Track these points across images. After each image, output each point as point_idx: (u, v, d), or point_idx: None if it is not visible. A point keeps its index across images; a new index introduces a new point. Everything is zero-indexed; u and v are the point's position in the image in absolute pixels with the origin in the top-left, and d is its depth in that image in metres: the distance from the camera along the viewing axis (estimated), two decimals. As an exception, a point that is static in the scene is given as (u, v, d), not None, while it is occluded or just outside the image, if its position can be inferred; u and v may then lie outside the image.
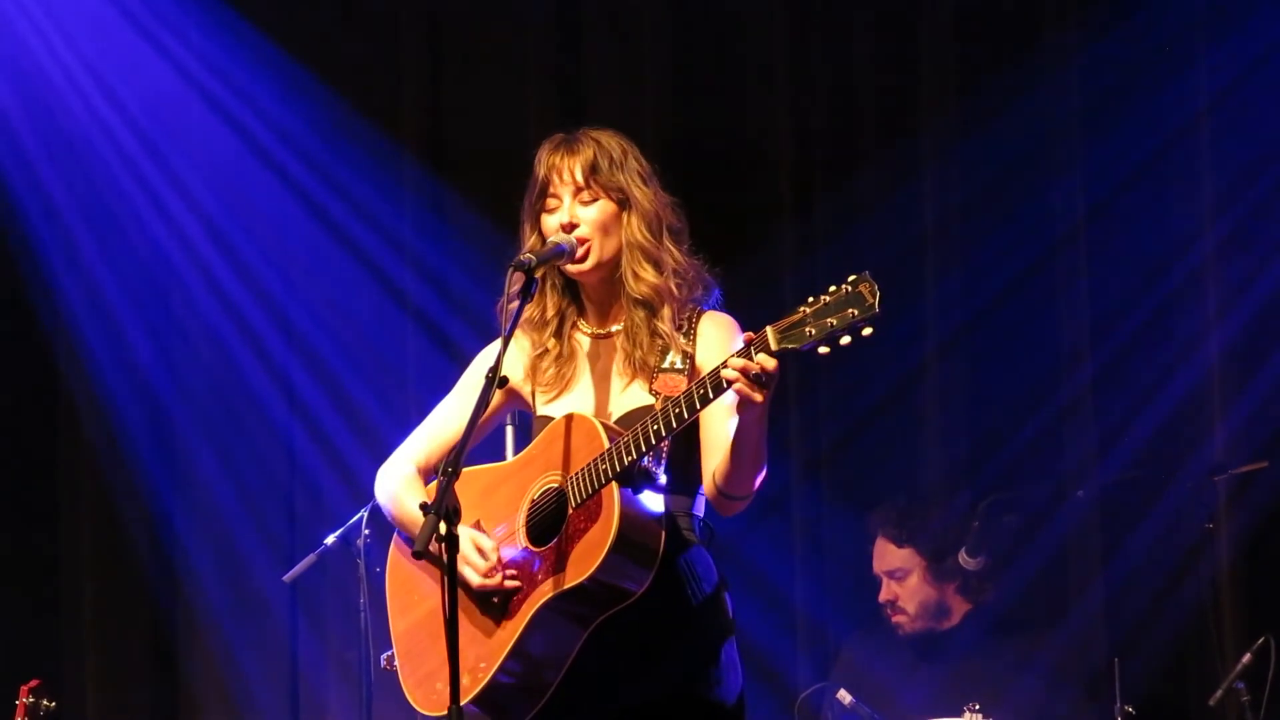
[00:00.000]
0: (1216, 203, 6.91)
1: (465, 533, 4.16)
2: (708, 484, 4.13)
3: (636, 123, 7.27)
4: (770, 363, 3.83)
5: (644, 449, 4.01)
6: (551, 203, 4.29)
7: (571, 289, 4.36)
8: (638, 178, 4.30)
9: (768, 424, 3.98)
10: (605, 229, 4.26)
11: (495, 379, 4.06)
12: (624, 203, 4.28)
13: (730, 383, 3.88)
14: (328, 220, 7.68)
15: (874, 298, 3.77)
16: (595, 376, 4.30)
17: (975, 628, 6.54)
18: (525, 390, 4.36)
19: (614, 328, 4.31)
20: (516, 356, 4.36)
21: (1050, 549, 6.93)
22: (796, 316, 3.83)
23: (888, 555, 6.60)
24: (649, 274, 4.25)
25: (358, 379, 7.63)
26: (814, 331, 3.80)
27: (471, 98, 7.68)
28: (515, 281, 4.22)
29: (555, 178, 4.29)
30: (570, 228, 4.25)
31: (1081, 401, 7.00)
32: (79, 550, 7.75)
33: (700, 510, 4.24)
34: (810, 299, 3.82)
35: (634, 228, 4.27)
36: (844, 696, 6.23)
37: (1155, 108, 6.96)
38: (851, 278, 3.80)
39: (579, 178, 4.27)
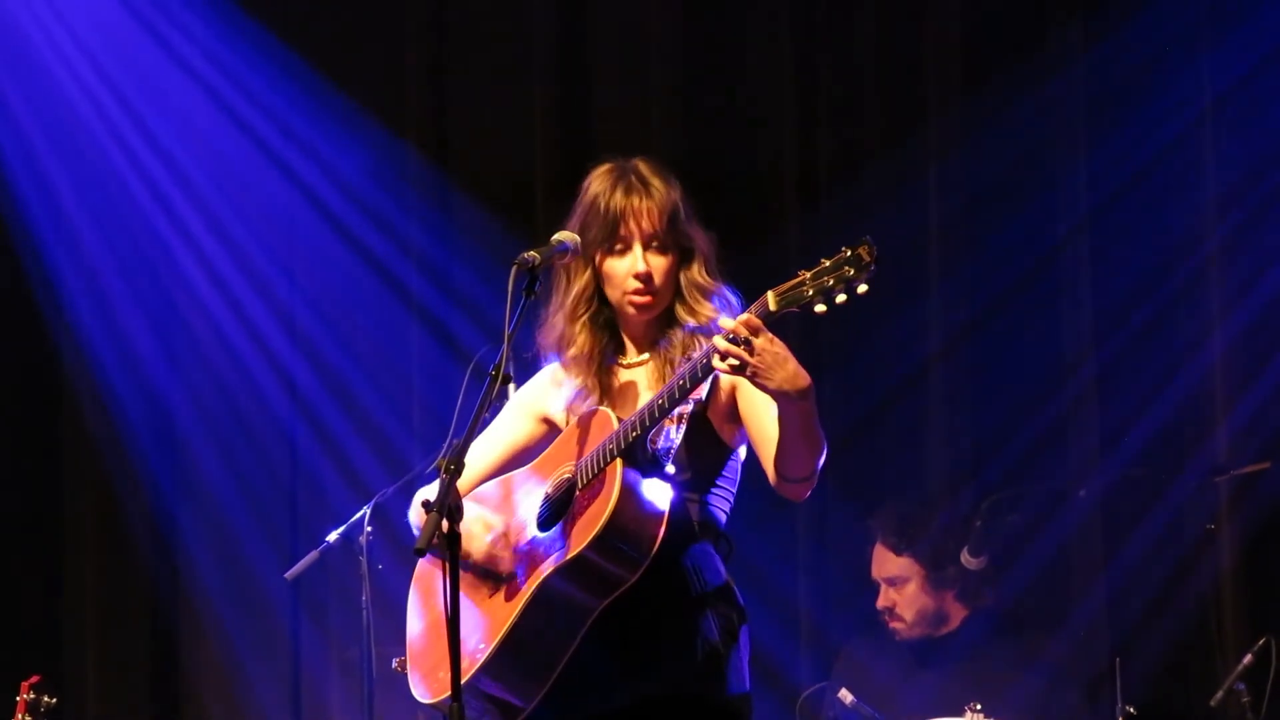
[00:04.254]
0: (1220, 203, 6.91)
1: (473, 510, 4.20)
2: (769, 471, 4.15)
3: (641, 119, 7.28)
4: (730, 322, 3.88)
5: (649, 424, 4.05)
6: (619, 246, 4.28)
7: (610, 325, 4.37)
8: (696, 221, 4.33)
9: (813, 407, 4.00)
10: (670, 278, 4.28)
11: (499, 377, 4.07)
12: (688, 251, 4.30)
13: (720, 350, 3.91)
14: (332, 217, 7.68)
15: (870, 256, 3.85)
16: (630, 396, 4.32)
17: (976, 628, 6.54)
18: (561, 418, 4.38)
19: (646, 355, 4.34)
20: (558, 395, 4.39)
21: (1052, 549, 6.93)
22: (796, 280, 3.89)
23: (886, 562, 6.58)
24: (706, 309, 4.28)
25: (361, 376, 7.64)
26: (811, 291, 3.87)
27: (476, 96, 7.68)
28: (518, 279, 4.23)
29: (632, 222, 4.26)
30: (646, 278, 4.26)
31: (1084, 401, 7.00)
32: (81, 547, 7.76)
33: (721, 518, 4.26)
34: (811, 264, 3.89)
35: (696, 272, 4.29)
36: (845, 696, 6.22)
37: (1159, 108, 6.96)
38: (852, 243, 3.87)
39: (659, 226, 4.27)
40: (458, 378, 4.49)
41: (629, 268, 4.26)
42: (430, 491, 4.41)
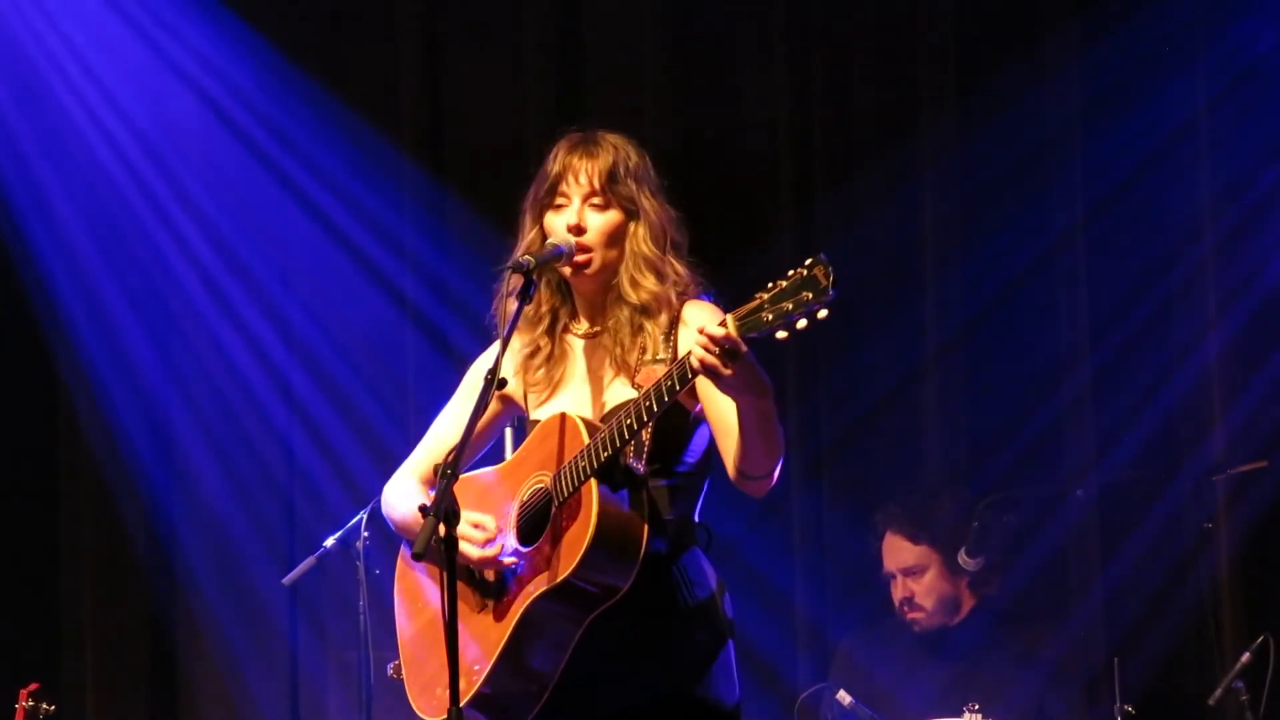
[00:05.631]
0: (1215, 202, 6.91)
1: (464, 514, 4.17)
2: (728, 465, 4.11)
3: (635, 125, 7.25)
4: (718, 331, 3.81)
5: (619, 443, 4.01)
6: (560, 200, 4.28)
7: (564, 288, 4.35)
8: (648, 189, 4.29)
9: (772, 406, 3.96)
10: (610, 238, 4.25)
11: (494, 380, 4.07)
12: (632, 213, 4.26)
13: (695, 369, 3.86)
14: (326, 222, 7.68)
15: (828, 279, 3.73)
16: (583, 376, 4.30)
17: (976, 626, 6.54)
18: (518, 391, 4.37)
19: (597, 328, 4.31)
20: (508, 355, 4.34)
21: (1050, 549, 6.93)
22: (754, 303, 3.81)
23: (902, 553, 6.55)
24: (650, 282, 4.24)
25: (357, 381, 7.63)
26: (771, 317, 3.78)
27: (471, 99, 7.68)
28: (513, 283, 4.23)
29: (570, 178, 4.26)
30: (578, 230, 4.24)
31: (1081, 401, 7.00)
32: (79, 553, 7.76)
33: (698, 513, 4.24)
34: (769, 285, 3.81)
35: (640, 238, 4.25)
36: (843, 697, 6.22)
37: (1154, 108, 6.96)
38: (808, 261, 3.77)
39: (595, 183, 4.25)
40: (453, 382, 4.50)
41: (564, 221, 4.25)
42: (399, 482, 4.44)
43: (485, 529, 4.18)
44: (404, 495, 4.41)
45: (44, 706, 6.08)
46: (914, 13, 7.23)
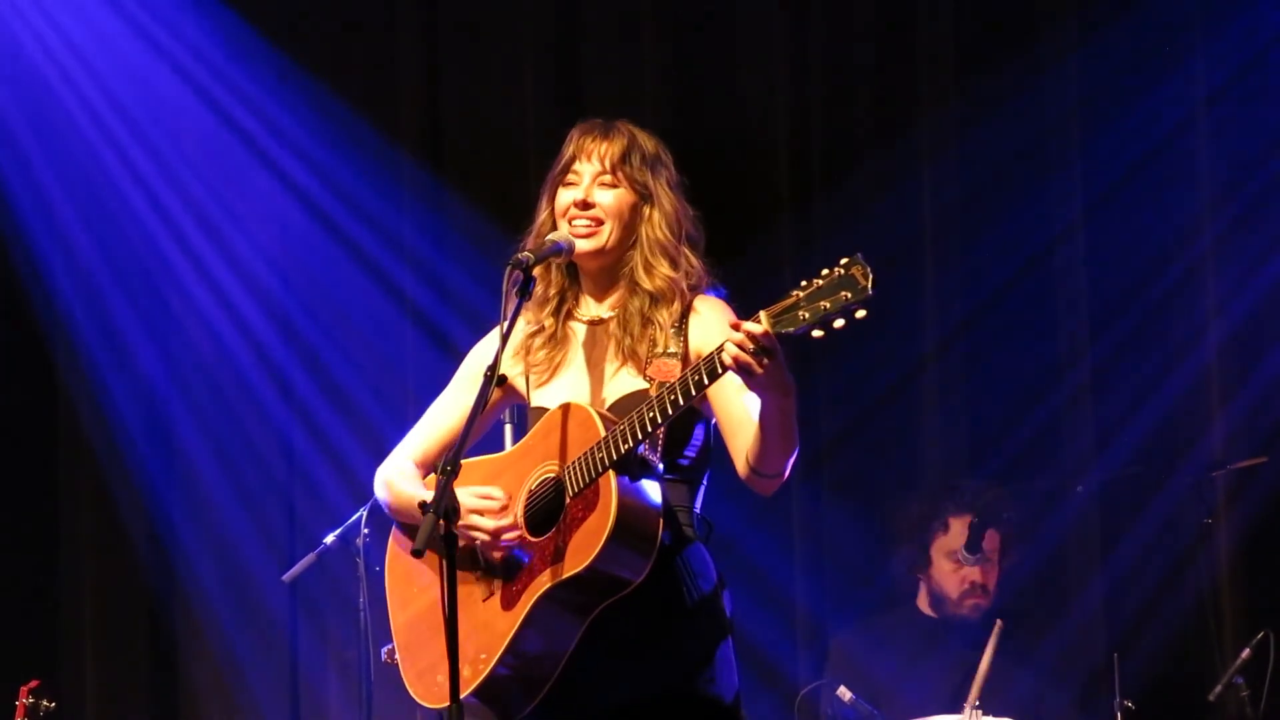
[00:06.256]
0: (1215, 197, 6.92)
1: (467, 491, 4.14)
2: (739, 462, 4.11)
3: (635, 119, 7.26)
4: (757, 328, 3.79)
5: (639, 436, 4.00)
6: (571, 179, 4.29)
7: (572, 270, 4.35)
8: (664, 180, 4.30)
9: (794, 405, 3.95)
10: (620, 217, 4.26)
11: (494, 376, 4.06)
12: (646, 197, 4.27)
13: (728, 365, 3.85)
14: (326, 218, 7.68)
15: (867, 280, 3.73)
16: (586, 362, 4.30)
17: (976, 622, 6.54)
18: (517, 373, 4.35)
19: (608, 313, 4.30)
20: (509, 346, 4.33)
21: (1050, 544, 6.94)
22: (790, 300, 3.79)
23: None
24: (664, 268, 4.24)
25: (356, 377, 7.63)
26: (807, 315, 3.77)
27: (470, 95, 7.68)
28: (513, 279, 4.23)
29: (583, 158, 4.28)
30: (584, 206, 4.25)
31: (1080, 397, 7.01)
32: (78, 551, 7.75)
33: (699, 506, 4.23)
34: (803, 282, 3.78)
35: (655, 223, 4.26)
36: (844, 693, 6.22)
37: (1153, 102, 6.97)
38: (844, 260, 3.76)
39: (606, 163, 4.27)
40: (452, 377, 4.50)
41: (572, 197, 4.27)
42: (396, 463, 4.42)
43: (495, 498, 4.16)
44: (399, 481, 4.38)
45: (44, 704, 6.09)
46: (913, 9, 7.23)
